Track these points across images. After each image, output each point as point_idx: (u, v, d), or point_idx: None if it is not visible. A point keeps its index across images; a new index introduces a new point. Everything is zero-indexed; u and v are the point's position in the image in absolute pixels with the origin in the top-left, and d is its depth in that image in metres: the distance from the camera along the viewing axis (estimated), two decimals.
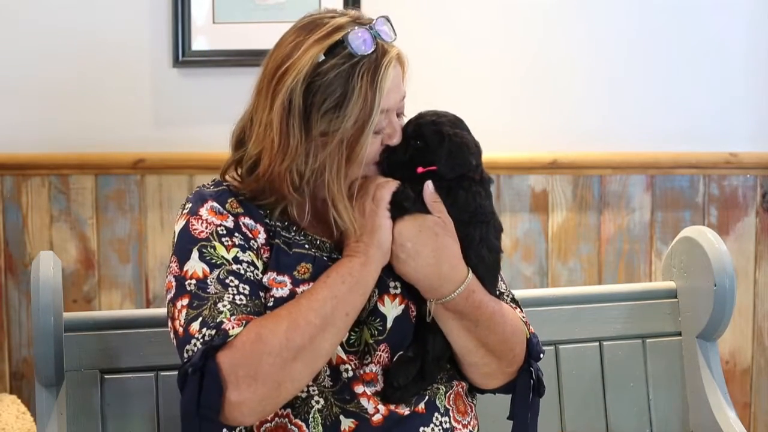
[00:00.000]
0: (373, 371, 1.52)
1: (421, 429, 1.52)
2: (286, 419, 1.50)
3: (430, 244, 1.50)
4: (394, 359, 1.53)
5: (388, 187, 1.52)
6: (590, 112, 2.84)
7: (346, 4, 2.73)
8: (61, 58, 2.76)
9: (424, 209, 1.52)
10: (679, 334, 2.03)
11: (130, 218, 2.77)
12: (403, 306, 1.54)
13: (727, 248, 1.96)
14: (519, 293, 1.92)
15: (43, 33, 2.76)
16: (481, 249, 1.55)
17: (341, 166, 1.49)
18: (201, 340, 1.40)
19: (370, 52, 1.49)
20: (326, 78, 1.48)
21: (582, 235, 2.84)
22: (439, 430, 1.54)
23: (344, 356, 1.51)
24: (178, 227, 1.53)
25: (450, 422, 1.56)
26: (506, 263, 2.81)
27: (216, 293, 1.45)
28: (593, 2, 2.82)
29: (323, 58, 1.48)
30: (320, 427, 1.49)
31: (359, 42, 1.49)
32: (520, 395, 1.61)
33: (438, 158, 1.54)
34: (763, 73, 2.87)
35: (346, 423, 1.49)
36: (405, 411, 1.52)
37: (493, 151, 2.77)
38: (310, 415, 1.49)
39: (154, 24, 2.76)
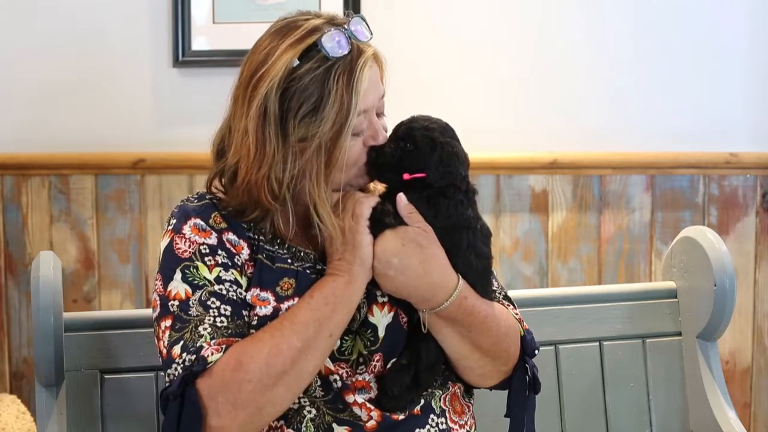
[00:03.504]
0: (365, 379, 1.51)
1: (417, 431, 1.52)
2: (279, 430, 1.49)
3: (417, 256, 1.48)
4: (388, 367, 1.52)
5: (367, 202, 1.49)
6: (590, 112, 2.85)
7: (346, 6, 2.73)
8: (62, 58, 2.76)
9: (403, 223, 1.50)
10: (679, 334, 2.03)
11: (130, 218, 2.77)
12: (392, 313, 1.53)
13: (727, 248, 1.95)
14: (519, 293, 1.92)
15: (43, 33, 2.76)
16: (468, 256, 1.52)
17: (321, 171, 1.47)
18: (181, 366, 1.41)
19: (344, 53, 1.47)
20: (301, 83, 1.46)
21: (582, 235, 2.84)
22: (436, 431, 1.53)
23: (332, 366, 1.50)
24: (163, 244, 1.53)
25: (446, 423, 1.55)
26: (506, 263, 2.81)
27: (197, 315, 1.44)
28: (593, 2, 2.82)
29: (297, 62, 1.46)
30: None
31: (333, 44, 1.46)
32: (516, 393, 1.61)
33: (428, 165, 1.51)
34: (763, 73, 2.87)
35: (340, 430, 1.49)
36: (400, 416, 1.51)
37: (493, 151, 2.80)
38: (303, 425, 1.49)
39: (154, 24, 2.76)
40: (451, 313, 1.50)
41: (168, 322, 1.45)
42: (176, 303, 1.46)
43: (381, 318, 1.52)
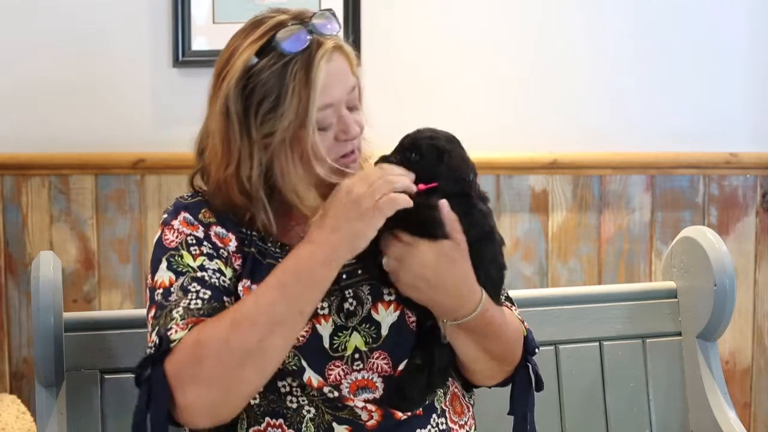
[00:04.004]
0: (366, 377, 1.50)
1: (418, 431, 1.51)
2: (279, 429, 1.49)
3: (450, 272, 1.45)
4: (403, 369, 1.51)
5: (397, 203, 1.40)
6: (590, 112, 2.84)
7: (346, 5, 2.72)
8: (62, 58, 2.76)
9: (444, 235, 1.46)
10: (679, 334, 2.03)
11: (130, 218, 2.77)
12: (398, 312, 1.52)
13: (727, 248, 1.96)
14: (519, 293, 1.92)
15: (43, 33, 2.76)
16: (490, 267, 1.52)
17: (289, 166, 1.46)
18: (151, 349, 1.41)
19: (301, 49, 1.45)
20: (260, 79, 1.45)
21: (582, 235, 2.84)
22: (436, 431, 1.53)
23: (322, 380, 1.48)
24: (155, 238, 1.54)
25: (447, 423, 1.55)
26: (506, 263, 2.80)
27: (176, 300, 1.44)
28: (593, 2, 2.82)
29: (256, 60, 1.46)
30: None
31: (289, 40, 1.45)
32: (520, 391, 1.61)
33: (438, 174, 1.49)
34: (763, 73, 2.87)
35: (340, 429, 1.48)
36: (402, 416, 1.51)
37: (493, 151, 2.79)
38: (303, 425, 1.48)
39: (154, 24, 2.76)
40: (471, 325, 1.49)
41: (153, 312, 1.45)
42: (160, 291, 1.46)
43: (386, 316, 1.51)
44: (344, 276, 1.51)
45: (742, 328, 2.88)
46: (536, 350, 1.63)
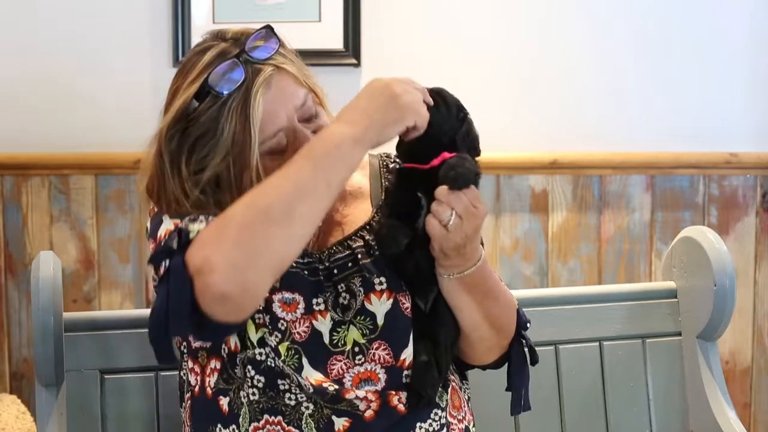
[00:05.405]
0: (369, 369, 1.51)
1: (418, 425, 1.52)
2: (278, 426, 1.49)
3: (479, 234, 1.50)
4: (412, 368, 1.51)
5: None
6: (590, 112, 2.85)
7: (346, 5, 2.72)
8: (61, 57, 2.76)
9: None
10: (679, 334, 2.03)
11: (130, 218, 2.77)
12: (391, 300, 1.52)
13: (727, 248, 1.96)
14: (519, 293, 1.92)
15: (43, 32, 2.76)
16: None
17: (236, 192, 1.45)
18: (164, 246, 1.37)
19: (237, 85, 1.44)
20: (199, 122, 1.46)
21: (582, 235, 2.84)
22: (437, 425, 1.53)
23: (321, 377, 1.48)
24: (148, 219, 1.53)
25: (446, 417, 1.55)
26: (506, 263, 2.81)
27: (190, 220, 1.41)
28: (593, 2, 2.82)
29: (196, 104, 1.46)
30: (314, 431, 1.48)
31: (222, 82, 1.45)
32: (516, 366, 1.62)
33: (457, 134, 1.54)
34: (764, 73, 2.87)
35: (340, 422, 1.48)
36: (401, 407, 1.51)
37: (493, 151, 2.79)
38: (303, 422, 1.49)
39: (154, 24, 2.76)
40: (474, 278, 1.51)
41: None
42: (165, 237, 1.43)
43: (379, 306, 1.51)
44: (336, 271, 1.52)
45: (742, 328, 2.88)
46: (528, 324, 1.64)
